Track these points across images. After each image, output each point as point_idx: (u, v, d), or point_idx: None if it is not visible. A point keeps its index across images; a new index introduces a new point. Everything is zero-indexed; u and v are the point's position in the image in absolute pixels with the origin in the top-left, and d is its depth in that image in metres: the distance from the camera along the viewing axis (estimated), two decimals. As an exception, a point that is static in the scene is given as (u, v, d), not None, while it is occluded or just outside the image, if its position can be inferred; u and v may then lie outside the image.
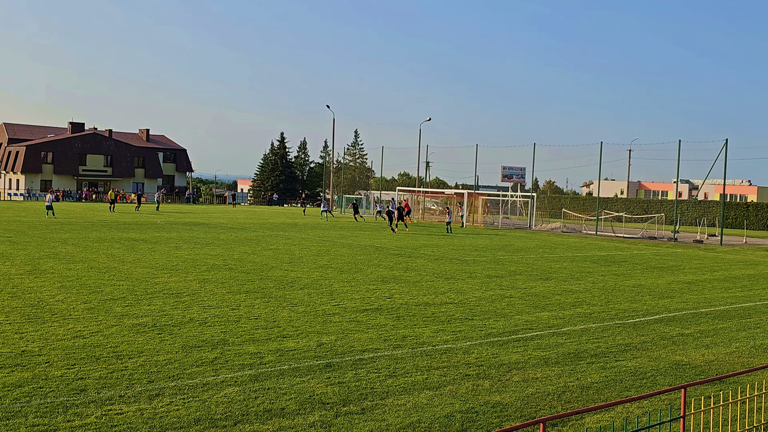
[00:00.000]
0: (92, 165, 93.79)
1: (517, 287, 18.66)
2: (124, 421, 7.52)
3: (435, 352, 11.11)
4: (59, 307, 13.43)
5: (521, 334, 12.66)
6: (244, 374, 9.45)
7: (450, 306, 15.33)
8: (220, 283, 17.36)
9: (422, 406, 8.46)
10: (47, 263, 19.90)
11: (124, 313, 13.15)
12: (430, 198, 63.89)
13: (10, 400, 8.02)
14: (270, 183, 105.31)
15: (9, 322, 11.99)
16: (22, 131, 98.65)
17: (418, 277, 19.87)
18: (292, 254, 24.98)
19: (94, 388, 8.60)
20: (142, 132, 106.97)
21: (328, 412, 8.11)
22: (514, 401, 8.78)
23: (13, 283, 16.06)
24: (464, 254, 27.78)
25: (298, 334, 11.91)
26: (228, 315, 13.33)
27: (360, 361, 10.37)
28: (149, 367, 9.59)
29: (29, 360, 9.68)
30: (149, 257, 22.33)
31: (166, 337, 11.34)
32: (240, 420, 7.72)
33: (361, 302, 15.31)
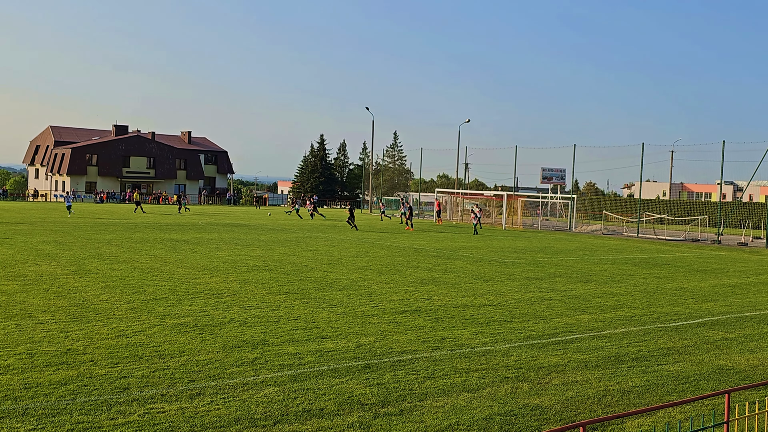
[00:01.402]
0: (135, 167, 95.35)
1: (557, 289, 18.50)
2: (166, 420, 7.64)
3: (474, 354, 11.08)
4: (103, 307, 13.68)
5: (561, 337, 12.55)
6: (283, 374, 9.53)
7: (489, 308, 15.27)
8: (260, 284, 17.52)
9: (461, 408, 8.44)
10: (92, 263, 20.29)
11: (166, 313, 13.36)
12: (469, 200, 63.66)
13: (56, 398, 8.20)
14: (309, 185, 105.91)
15: (55, 321, 12.25)
16: (68, 134, 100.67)
17: (456, 279, 19.82)
18: (332, 256, 25.09)
19: (137, 386, 8.75)
20: (184, 134, 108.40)
21: (367, 413, 8.14)
22: (553, 404, 8.72)
23: (59, 283, 16.41)
24: (503, 256, 27.63)
25: (338, 335, 11.97)
26: (268, 316, 13.45)
27: (399, 362, 10.39)
28: (190, 366, 9.73)
29: (74, 358, 9.89)
30: (191, 258, 22.62)
31: (207, 337, 11.49)
32: (279, 420, 7.79)
33: (400, 304, 15.33)
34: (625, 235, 45.53)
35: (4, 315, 12.56)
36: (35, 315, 12.67)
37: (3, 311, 12.89)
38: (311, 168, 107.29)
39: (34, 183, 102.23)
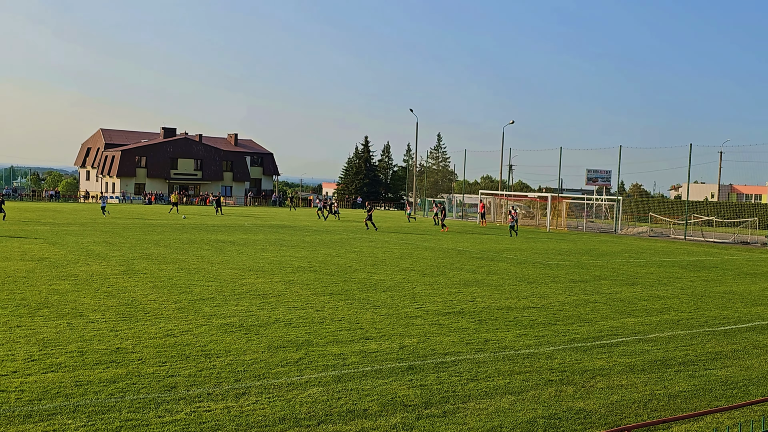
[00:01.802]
0: (183, 169, 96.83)
1: (602, 292, 18.30)
2: (212, 419, 7.77)
3: (517, 356, 11.03)
4: (151, 307, 13.95)
5: (606, 340, 12.42)
6: (327, 375, 9.61)
7: (533, 310, 15.17)
8: (305, 284, 17.67)
9: (504, 410, 8.42)
10: (140, 264, 20.68)
11: (212, 313, 13.56)
12: (513, 201, 63.24)
13: (106, 395, 8.39)
14: (354, 186, 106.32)
15: (105, 320, 12.54)
16: (118, 136, 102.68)
17: (500, 281, 19.73)
18: (375, 257, 25.18)
19: (184, 385, 8.91)
20: (231, 136, 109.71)
21: (410, 414, 8.17)
22: (598, 408, 8.64)
23: (109, 283, 16.77)
24: (547, 258, 27.40)
25: (381, 337, 12.02)
26: (312, 316, 13.57)
27: (442, 364, 10.39)
28: (236, 366, 9.87)
29: (123, 357, 10.11)
30: (237, 259, 22.91)
31: (252, 337, 11.64)
32: (323, 420, 7.86)
33: (443, 305, 15.32)
34: (672, 238, 44.76)
35: (57, 314, 12.89)
36: (86, 314, 12.98)
37: (55, 310, 13.23)
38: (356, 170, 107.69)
39: (85, 185, 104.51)
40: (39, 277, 17.37)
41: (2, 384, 8.62)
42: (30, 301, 14.08)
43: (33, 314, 12.78)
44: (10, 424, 7.34)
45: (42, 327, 11.76)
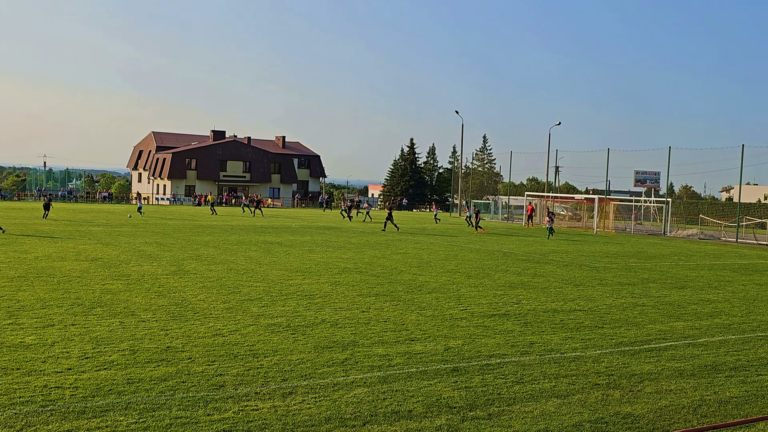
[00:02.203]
0: (232, 171, 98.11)
1: (650, 295, 18.03)
2: (259, 417, 7.89)
3: (563, 359, 10.95)
4: (201, 306, 14.19)
5: (654, 344, 12.25)
6: (373, 375, 9.67)
7: (579, 313, 15.03)
8: (351, 285, 17.78)
9: (550, 414, 8.38)
10: (190, 264, 21.05)
11: (260, 313, 13.74)
12: (559, 203, 62.60)
13: (156, 393, 8.58)
14: (399, 188, 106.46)
15: (156, 319, 12.80)
16: (169, 139, 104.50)
17: (546, 283, 19.58)
18: (421, 258, 25.19)
19: (232, 384, 9.06)
20: (278, 139, 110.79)
21: (455, 416, 8.18)
22: (646, 413, 8.53)
23: (160, 283, 17.11)
24: (594, 260, 27.09)
25: (426, 338, 12.04)
26: (358, 317, 13.66)
27: (487, 366, 10.38)
28: (283, 365, 10.00)
29: (173, 355, 10.32)
30: (284, 260, 23.15)
31: (299, 337, 11.77)
32: (369, 420, 7.92)
33: (489, 307, 15.28)
34: (723, 240, 43.83)
35: (109, 313, 13.21)
36: (137, 313, 13.27)
37: (108, 309, 13.56)
38: (401, 172, 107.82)
39: (137, 186, 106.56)
40: (93, 276, 17.80)
41: (57, 381, 8.88)
42: (84, 300, 14.46)
43: (87, 313, 13.11)
44: (65, 420, 7.56)
45: (95, 325, 12.07)
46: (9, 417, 7.56)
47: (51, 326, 11.88)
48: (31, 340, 10.89)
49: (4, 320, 12.19)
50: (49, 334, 11.33)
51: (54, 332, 11.45)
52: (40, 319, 12.38)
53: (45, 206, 43.49)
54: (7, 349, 10.30)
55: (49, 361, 9.76)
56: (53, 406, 7.96)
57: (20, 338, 10.95)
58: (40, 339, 10.96)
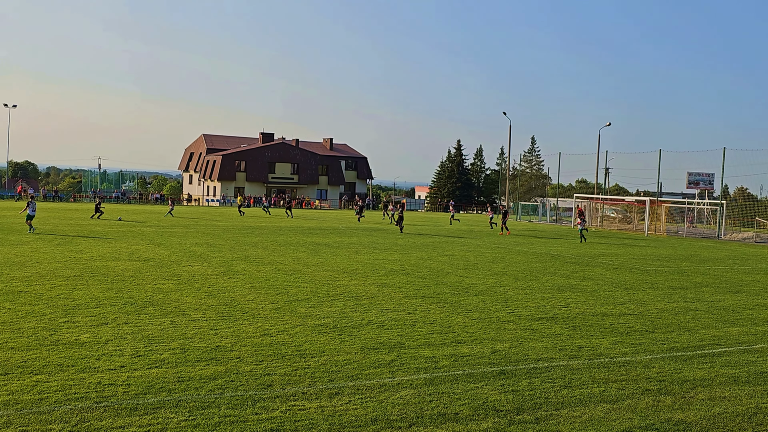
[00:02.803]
0: (280, 173, 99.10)
1: (704, 300, 17.66)
2: (306, 417, 7.95)
3: (613, 364, 10.79)
4: (249, 307, 14.36)
5: (707, 350, 11.99)
6: (419, 377, 9.67)
7: (629, 317, 14.80)
8: (397, 287, 17.80)
9: (598, 419, 8.27)
10: (239, 265, 21.31)
11: (307, 313, 13.85)
12: (609, 205, 61.72)
13: (206, 391, 8.71)
14: (446, 190, 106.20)
15: (206, 319, 13.00)
16: (219, 141, 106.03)
17: (595, 287, 19.32)
18: (467, 260, 25.09)
19: (280, 384, 9.15)
20: (326, 141, 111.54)
21: (502, 419, 8.13)
22: (698, 420, 8.36)
23: (210, 283, 17.36)
24: (645, 264, 26.64)
25: (473, 341, 11.99)
26: (404, 319, 13.66)
27: (534, 369, 10.29)
28: (330, 366, 10.05)
29: (222, 355, 10.46)
30: (331, 261, 23.28)
31: (345, 338, 11.82)
32: (415, 422, 7.92)
33: (536, 310, 15.14)
34: (782, 244, 42.68)
35: (161, 312, 13.45)
36: (188, 313, 13.49)
37: (160, 308, 13.81)
38: (448, 173, 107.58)
39: (188, 188, 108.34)
40: (145, 276, 18.15)
41: (111, 378, 9.08)
42: (136, 299, 14.75)
43: (139, 312, 13.38)
44: (118, 416, 7.73)
45: (147, 324, 12.30)
46: (64, 412, 7.75)
47: (105, 325, 12.15)
48: (85, 338, 11.15)
49: (60, 318, 12.51)
50: (103, 332, 11.59)
51: (108, 330, 11.71)
52: (95, 318, 12.67)
53: (96, 208, 44.61)
54: (63, 346, 10.57)
55: (102, 358, 9.99)
56: (107, 402, 8.15)
57: (75, 336, 11.23)
58: (95, 337, 11.22)
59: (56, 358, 9.91)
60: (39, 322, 12.14)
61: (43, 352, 10.19)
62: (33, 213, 31.96)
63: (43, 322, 12.16)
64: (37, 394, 8.32)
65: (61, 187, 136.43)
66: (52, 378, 8.96)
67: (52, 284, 16.25)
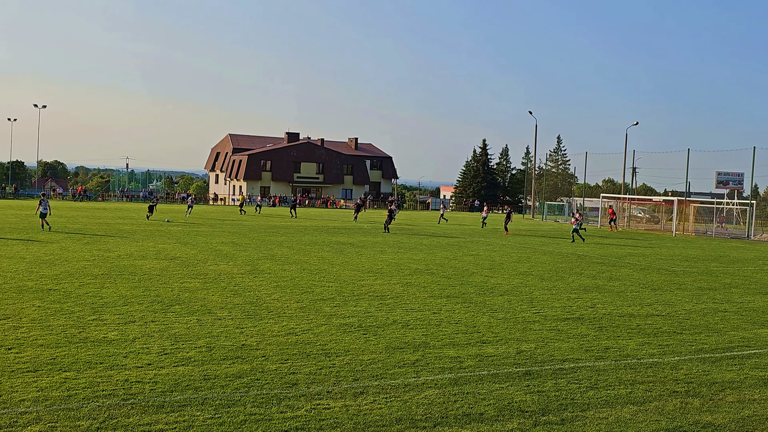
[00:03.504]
0: (306, 172, 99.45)
1: (733, 301, 17.43)
2: (331, 416, 7.97)
3: (640, 365, 10.69)
4: (275, 305, 14.42)
5: (737, 352, 11.84)
6: (444, 377, 9.65)
7: (657, 318, 14.65)
8: (422, 287, 17.77)
9: (625, 420, 8.19)
10: (265, 264, 21.41)
11: (332, 313, 13.88)
12: (636, 205, 61.15)
13: (231, 390, 8.77)
14: (472, 189, 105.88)
15: (231, 317, 13.08)
16: (245, 141, 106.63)
17: (622, 287, 19.15)
18: (493, 260, 25.00)
19: (305, 382, 9.18)
20: (351, 141, 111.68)
21: (527, 420, 8.09)
22: (727, 423, 8.26)
23: (235, 282, 17.46)
24: (673, 264, 26.36)
25: (498, 341, 11.94)
26: (429, 318, 13.64)
27: (560, 370, 10.22)
28: (354, 365, 10.07)
29: (248, 353, 10.52)
30: (356, 260, 23.32)
31: (370, 337, 11.83)
32: (439, 422, 7.91)
33: (562, 311, 15.04)
34: (814, 245, 42.01)
35: (187, 310, 13.56)
36: (214, 311, 13.58)
37: (186, 307, 13.92)
38: (473, 173, 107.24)
39: (214, 188, 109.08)
40: (171, 275, 18.31)
41: (138, 375, 9.17)
42: (163, 297, 14.88)
43: (166, 310, 13.49)
44: (145, 413, 7.80)
45: (174, 322, 12.41)
46: (92, 409, 7.84)
47: (132, 323, 12.27)
48: (113, 335, 11.27)
49: (88, 316, 12.66)
50: (131, 330, 11.71)
51: (135, 328, 11.82)
52: (122, 316, 12.80)
53: (149, 208, 45.16)
54: (92, 343, 10.69)
55: (130, 356, 10.09)
56: (134, 399, 8.23)
57: (103, 333, 11.35)
58: (122, 335, 11.34)
59: (84, 355, 10.03)
60: (68, 319, 12.30)
61: (72, 349, 10.32)
62: (45, 210, 32.40)
63: (72, 319, 12.31)
64: (66, 391, 8.43)
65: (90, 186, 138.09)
66: (80, 375, 9.07)
67: (80, 282, 16.45)
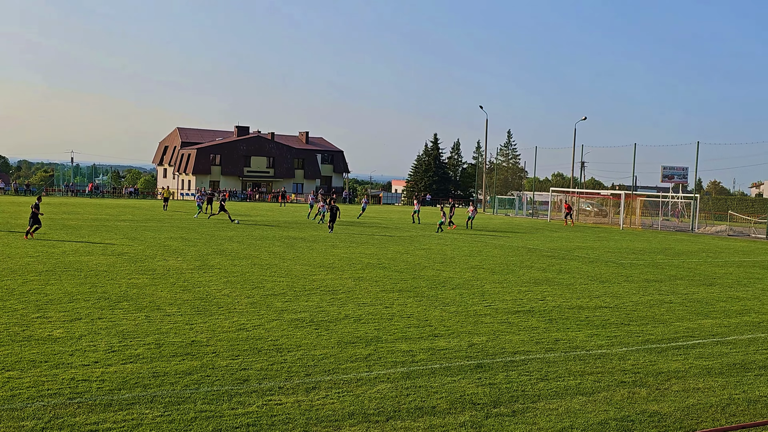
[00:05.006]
0: (256, 166, 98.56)
1: (678, 292, 17.83)
2: (283, 412, 7.91)
3: (589, 356, 10.86)
4: (225, 301, 14.26)
5: (682, 342, 12.11)
6: (396, 371, 9.66)
7: (605, 310, 14.90)
8: (374, 281, 17.77)
9: (575, 411, 8.31)
10: (215, 259, 21.16)
11: (284, 308, 13.78)
12: (585, 199, 62.17)
13: (181, 387, 8.64)
14: (423, 184, 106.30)
15: (181, 313, 12.89)
16: (194, 135, 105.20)
17: (571, 280, 19.44)
18: (444, 254, 25.13)
19: (256, 378, 9.10)
20: (302, 135, 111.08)
21: (479, 412, 8.14)
22: (673, 411, 8.44)
23: (185, 278, 17.22)
24: (621, 257, 26.85)
25: (450, 334, 12.00)
26: (381, 313, 13.65)
27: (511, 363, 10.32)
28: (306, 360, 10.01)
29: (198, 350, 10.38)
30: (307, 255, 23.21)
31: (322, 332, 11.79)
32: (392, 416, 7.91)
33: (513, 304, 15.20)
34: (753, 237, 43.26)
35: (135, 307, 13.32)
36: (163, 307, 13.37)
37: (134, 303, 13.67)
38: (425, 167, 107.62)
39: (163, 182, 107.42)
40: (119, 271, 17.96)
41: (85, 374, 8.97)
42: (111, 294, 14.59)
43: (113, 307, 13.23)
44: (92, 412, 7.63)
45: (122, 319, 12.17)
46: (37, 409, 7.64)
47: (78, 320, 12.01)
48: (59, 333, 11.01)
49: (32, 314, 12.34)
50: (77, 327, 11.45)
51: (81, 326, 11.57)
52: (68, 313, 12.51)
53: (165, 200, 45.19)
54: (36, 342, 10.42)
55: (76, 354, 9.86)
56: (80, 398, 8.04)
57: (48, 331, 11.08)
58: (68, 332, 11.08)
59: (28, 354, 9.77)
60: (11, 317, 11.97)
61: (15, 348, 10.05)
62: None
63: (15, 317, 11.99)
64: (9, 390, 8.20)
65: (33, 181, 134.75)
66: (24, 374, 8.83)
67: (24, 279, 16.03)
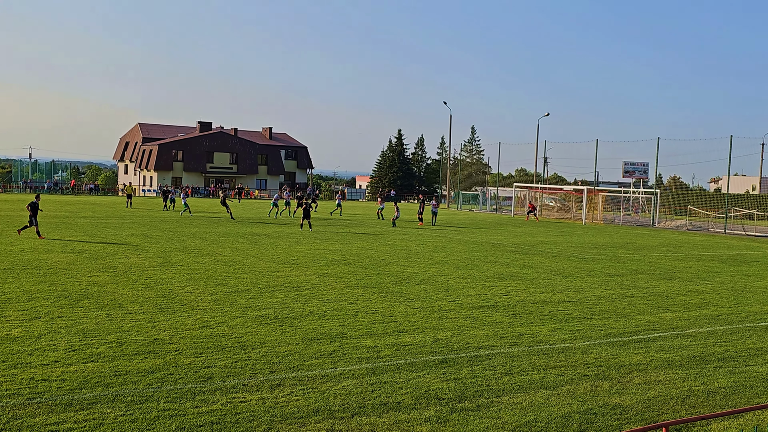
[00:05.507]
0: (219, 162, 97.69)
1: (639, 286, 18.09)
2: (248, 409, 7.85)
3: (552, 351, 10.96)
4: (188, 298, 14.12)
5: (643, 335, 12.28)
6: (361, 367, 9.64)
7: (568, 304, 15.05)
8: (339, 277, 17.74)
9: (539, 405, 8.38)
10: (177, 256, 20.93)
11: (247, 305, 13.68)
12: (548, 194, 62.76)
13: (144, 385, 8.52)
14: (387, 179, 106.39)
15: (143, 311, 12.72)
16: (155, 131, 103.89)
17: (535, 275, 19.60)
18: (409, 250, 25.17)
19: (220, 376, 9.01)
20: (265, 130, 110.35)
21: (444, 407, 8.17)
22: (634, 404, 8.55)
23: (147, 275, 17.00)
24: (583, 252, 27.16)
25: (415, 330, 12.02)
26: (346, 309, 13.62)
27: (476, 357, 10.37)
28: (271, 357, 9.95)
29: (161, 348, 10.25)
30: (271, 251, 23.07)
31: (287, 329, 11.72)
32: (357, 412, 7.90)
33: (477, 299, 15.28)
34: (712, 231, 44.06)
35: (96, 305, 13.11)
36: (124, 305, 13.18)
37: (95, 301, 13.46)
38: (389, 163, 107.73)
39: (124, 178, 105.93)
40: (79, 268, 17.67)
41: (44, 373, 8.80)
42: (71, 292, 14.35)
43: (74, 305, 13.01)
44: (52, 412, 7.49)
45: (82, 318, 11.98)
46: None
47: (37, 319, 11.78)
48: (17, 332, 10.79)
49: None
50: (36, 326, 11.23)
51: (40, 325, 11.35)
52: (27, 312, 12.27)
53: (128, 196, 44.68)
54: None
55: (35, 353, 9.68)
56: (40, 398, 7.89)
57: (6, 331, 10.86)
58: (27, 331, 10.86)
59: (-15, 354, 9.56)
60: (-33, 317, 11.70)
61: (-28, 348, 9.82)
62: None
63: (-28, 316, 11.72)
64: (-35, 391, 8.01)
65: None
66: (-20, 375, 8.64)
67: (-20, 278, 15.68)
